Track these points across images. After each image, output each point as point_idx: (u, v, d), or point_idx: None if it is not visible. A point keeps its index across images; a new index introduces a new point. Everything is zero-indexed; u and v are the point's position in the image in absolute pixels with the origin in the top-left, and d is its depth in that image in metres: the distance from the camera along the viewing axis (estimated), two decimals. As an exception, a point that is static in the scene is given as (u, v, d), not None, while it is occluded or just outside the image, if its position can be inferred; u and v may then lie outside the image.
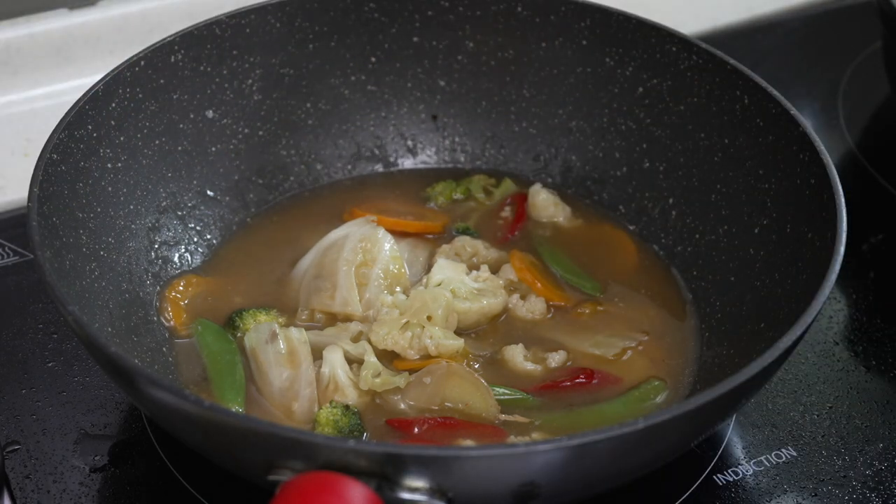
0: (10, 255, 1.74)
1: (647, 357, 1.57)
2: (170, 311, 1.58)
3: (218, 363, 1.52)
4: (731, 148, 1.65)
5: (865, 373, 1.64)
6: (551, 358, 1.55)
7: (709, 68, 1.67)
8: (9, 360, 1.60)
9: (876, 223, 1.87)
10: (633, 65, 1.74)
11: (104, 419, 1.53)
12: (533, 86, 1.80)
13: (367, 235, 1.62)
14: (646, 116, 1.74)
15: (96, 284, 1.48)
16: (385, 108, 1.83)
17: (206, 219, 1.70)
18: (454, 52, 1.80)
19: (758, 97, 1.61)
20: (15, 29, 1.99)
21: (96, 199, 1.54)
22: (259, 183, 1.76)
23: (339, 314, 1.57)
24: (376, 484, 1.18)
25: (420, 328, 1.52)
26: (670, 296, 1.66)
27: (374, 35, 1.78)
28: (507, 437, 1.45)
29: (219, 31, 1.68)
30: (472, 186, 1.80)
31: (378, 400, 1.49)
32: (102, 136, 1.55)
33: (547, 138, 1.82)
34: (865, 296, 1.75)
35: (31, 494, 1.44)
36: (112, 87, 1.57)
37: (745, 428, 1.56)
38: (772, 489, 1.49)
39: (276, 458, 1.20)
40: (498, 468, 1.20)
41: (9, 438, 1.50)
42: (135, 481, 1.46)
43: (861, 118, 2.10)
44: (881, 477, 1.51)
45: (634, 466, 1.32)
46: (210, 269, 1.67)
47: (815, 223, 1.48)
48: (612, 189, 1.78)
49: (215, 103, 1.71)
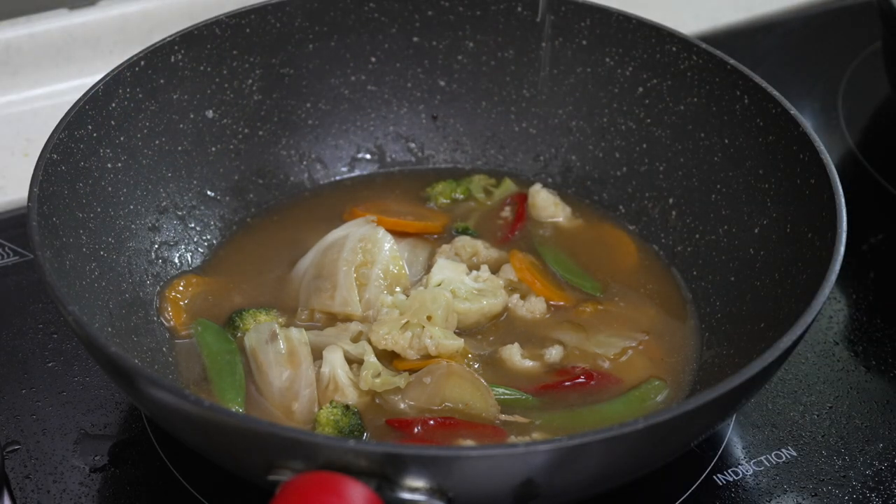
0: (10, 255, 1.74)
1: (647, 357, 1.57)
2: (170, 311, 1.58)
3: (218, 363, 1.52)
4: (731, 148, 1.65)
5: (865, 373, 1.64)
6: (548, 353, 1.55)
7: (709, 68, 1.67)
8: (9, 360, 1.60)
9: (876, 223, 1.87)
10: (633, 65, 1.74)
11: (104, 419, 1.53)
12: (533, 86, 1.80)
13: (367, 235, 1.62)
14: (646, 116, 1.74)
15: (96, 284, 1.48)
16: (385, 108, 1.82)
17: (206, 219, 1.70)
18: (454, 52, 1.80)
19: (758, 97, 1.61)
20: (15, 29, 1.99)
21: (96, 199, 1.54)
22: (259, 183, 1.76)
23: (339, 314, 1.57)
24: (376, 484, 1.18)
25: (420, 328, 1.52)
26: (670, 296, 1.66)
27: (374, 35, 1.78)
28: (507, 437, 1.45)
29: (219, 31, 1.68)
30: (472, 186, 1.80)
31: (378, 400, 1.49)
32: (102, 136, 1.55)
33: (547, 138, 1.82)
34: (865, 296, 1.75)
35: (31, 494, 1.44)
36: (112, 87, 1.57)
37: (745, 428, 1.56)
38: (772, 489, 1.49)
39: (276, 458, 1.20)
40: (498, 468, 1.20)
41: (9, 438, 1.50)
42: (135, 481, 1.46)
43: (861, 118, 2.09)
44: (881, 477, 1.51)
45: (634, 466, 1.32)
46: (210, 269, 1.66)
47: (815, 223, 1.48)
48: (612, 189, 1.78)
49: (215, 103, 1.71)
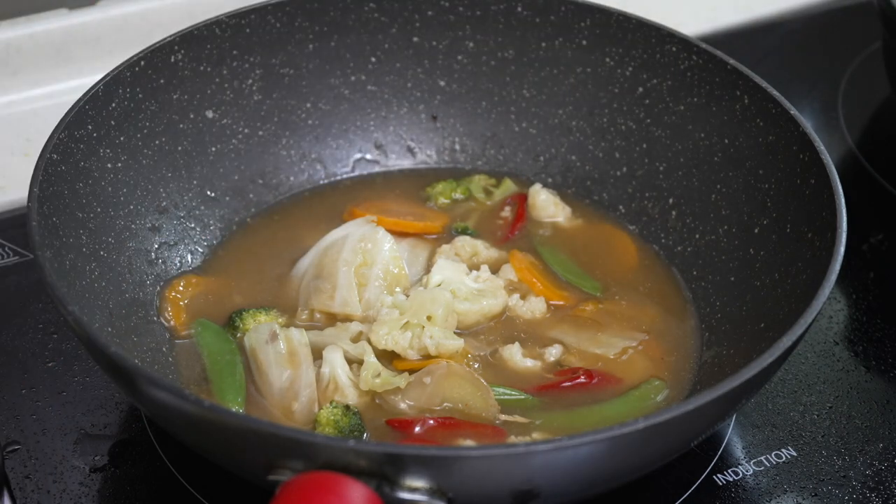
0: (10, 255, 1.74)
1: (647, 357, 1.57)
2: (170, 311, 1.58)
3: (218, 363, 1.52)
4: (731, 148, 1.65)
5: (865, 373, 1.64)
6: (548, 352, 1.56)
7: (709, 68, 1.67)
8: (9, 360, 1.60)
9: (876, 223, 1.87)
10: (633, 65, 1.74)
11: (104, 419, 1.53)
12: (533, 86, 1.80)
13: (367, 235, 1.62)
14: (646, 116, 1.74)
15: (96, 284, 1.48)
16: (385, 108, 1.82)
17: (206, 219, 1.70)
18: (454, 52, 1.80)
19: (758, 97, 1.61)
20: (15, 29, 1.99)
21: (96, 199, 1.54)
22: (259, 183, 1.76)
23: (339, 314, 1.57)
24: (376, 484, 1.18)
25: (420, 328, 1.52)
26: (670, 295, 1.66)
27: (374, 35, 1.78)
28: (507, 437, 1.45)
29: (219, 31, 1.68)
30: (472, 186, 1.80)
31: (378, 400, 1.49)
32: (102, 136, 1.55)
33: (547, 138, 1.82)
34: (865, 296, 1.75)
35: (31, 494, 1.44)
36: (112, 87, 1.57)
37: (745, 428, 1.56)
38: (772, 489, 1.49)
39: (276, 458, 1.20)
40: (498, 468, 1.20)
41: (9, 438, 1.50)
42: (135, 481, 1.46)
43: (861, 118, 2.09)
44: (881, 477, 1.51)
45: (634, 466, 1.32)
46: (210, 269, 1.66)
47: (815, 223, 1.48)
48: (612, 189, 1.78)
49: (215, 103, 1.71)
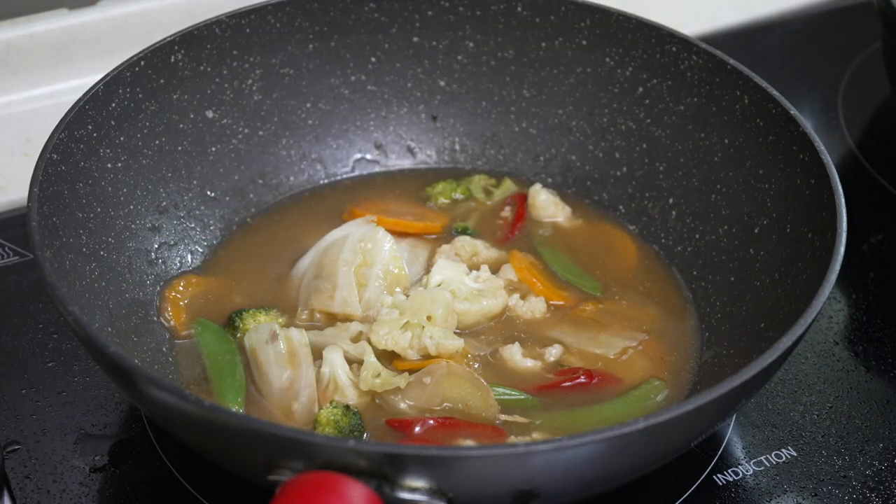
0: (10, 255, 1.74)
1: (647, 357, 1.57)
2: (170, 311, 1.58)
3: (218, 363, 1.52)
4: (731, 148, 1.65)
5: (865, 373, 1.64)
6: (548, 352, 1.56)
7: (709, 68, 1.67)
8: (9, 360, 1.60)
9: (876, 223, 1.87)
10: (633, 65, 1.74)
11: (104, 419, 1.53)
12: (533, 86, 1.80)
13: (367, 235, 1.62)
14: (646, 116, 1.74)
15: (96, 284, 1.48)
16: (385, 108, 1.82)
17: (206, 219, 1.70)
18: (454, 52, 1.80)
19: (758, 97, 1.61)
20: (15, 29, 1.99)
21: (96, 199, 1.54)
22: (259, 183, 1.76)
23: (339, 314, 1.57)
24: (376, 484, 1.18)
25: (420, 328, 1.52)
26: (670, 295, 1.66)
27: (374, 35, 1.78)
28: (507, 437, 1.45)
29: (219, 31, 1.68)
30: (472, 186, 1.80)
31: (378, 400, 1.49)
32: (102, 136, 1.55)
33: (547, 138, 1.82)
34: (865, 296, 1.75)
35: (31, 494, 1.44)
36: (112, 87, 1.57)
37: (745, 428, 1.56)
38: (772, 489, 1.49)
39: (276, 458, 1.20)
40: (498, 468, 1.20)
41: (9, 438, 1.50)
42: (135, 481, 1.46)
43: (861, 118, 2.09)
44: (881, 477, 1.51)
45: (634, 466, 1.32)
46: (210, 269, 1.66)
47: (815, 223, 1.48)
48: (612, 189, 1.78)
49: (215, 103, 1.71)
